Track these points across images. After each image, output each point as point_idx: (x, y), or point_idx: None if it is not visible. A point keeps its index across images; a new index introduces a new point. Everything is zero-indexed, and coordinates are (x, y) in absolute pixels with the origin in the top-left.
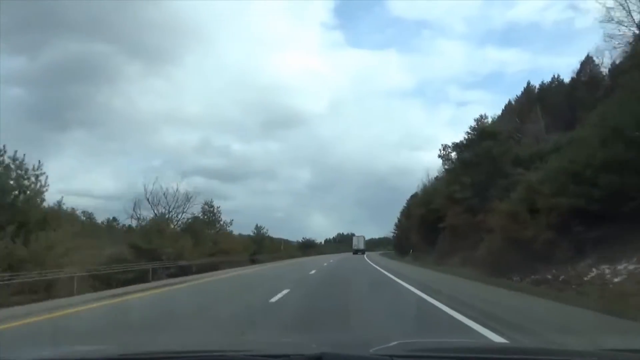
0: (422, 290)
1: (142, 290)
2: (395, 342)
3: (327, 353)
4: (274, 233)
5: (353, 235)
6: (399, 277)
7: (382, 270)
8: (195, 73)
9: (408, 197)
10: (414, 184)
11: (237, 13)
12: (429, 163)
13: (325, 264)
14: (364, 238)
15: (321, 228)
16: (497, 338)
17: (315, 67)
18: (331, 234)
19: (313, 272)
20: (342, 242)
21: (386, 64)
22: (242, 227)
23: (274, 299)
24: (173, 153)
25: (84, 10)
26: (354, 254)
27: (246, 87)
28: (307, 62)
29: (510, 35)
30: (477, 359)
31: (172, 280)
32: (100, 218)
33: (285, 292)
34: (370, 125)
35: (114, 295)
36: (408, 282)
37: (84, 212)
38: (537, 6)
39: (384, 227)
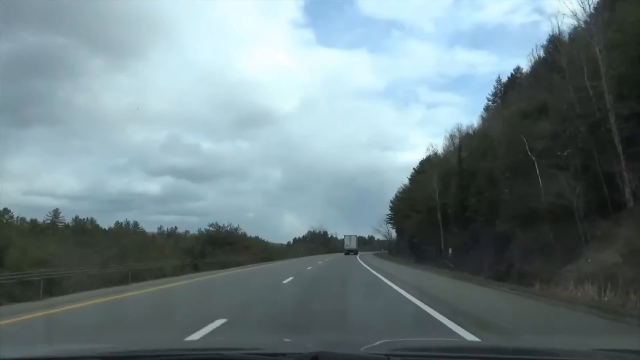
0: None
1: None
2: (389, 341)
3: (324, 352)
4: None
5: (326, 233)
6: None
7: None
8: (161, 69)
9: (373, 196)
10: (384, 184)
11: (204, 8)
12: (400, 163)
13: None
14: (357, 237)
15: (292, 228)
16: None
17: (285, 65)
18: (302, 233)
19: None
20: (314, 242)
21: (357, 63)
22: None
23: None
24: (140, 152)
25: (41, 0)
26: (345, 254)
27: (215, 85)
28: (277, 60)
29: (479, 37)
30: (472, 358)
31: None
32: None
33: None
34: (341, 124)
35: None
36: None
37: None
38: (504, 9)
39: (355, 227)
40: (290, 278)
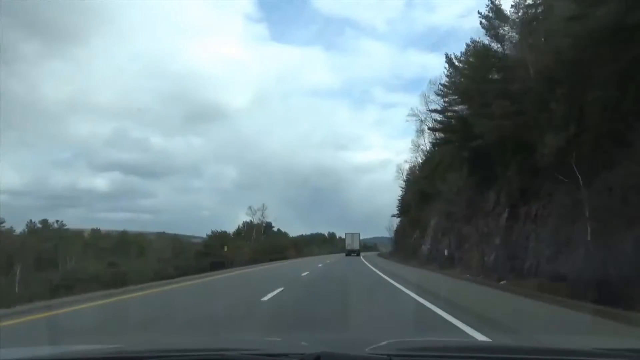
0: None
1: None
2: (392, 341)
3: (326, 352)
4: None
5: (270, 224)
6: None
7: None
8: (104, 57)
9: (327, 195)
10: (339, 183)
11: None
12: (355, 163)
13: None
14: (359, 236)
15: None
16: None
17: (238, 59)
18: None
19: None
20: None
21: (312, 61)
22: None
23: None
24: (84, 145)
25: None
26: (347, 255)
27: (164, 77)
28: (230, 54)
29: (432, 40)
30: (474, 357)
31: None
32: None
33: None
34: (295, 122)
35: None
36: None
37: None
38: (456, 12)
39: (310, 225)
40: None
